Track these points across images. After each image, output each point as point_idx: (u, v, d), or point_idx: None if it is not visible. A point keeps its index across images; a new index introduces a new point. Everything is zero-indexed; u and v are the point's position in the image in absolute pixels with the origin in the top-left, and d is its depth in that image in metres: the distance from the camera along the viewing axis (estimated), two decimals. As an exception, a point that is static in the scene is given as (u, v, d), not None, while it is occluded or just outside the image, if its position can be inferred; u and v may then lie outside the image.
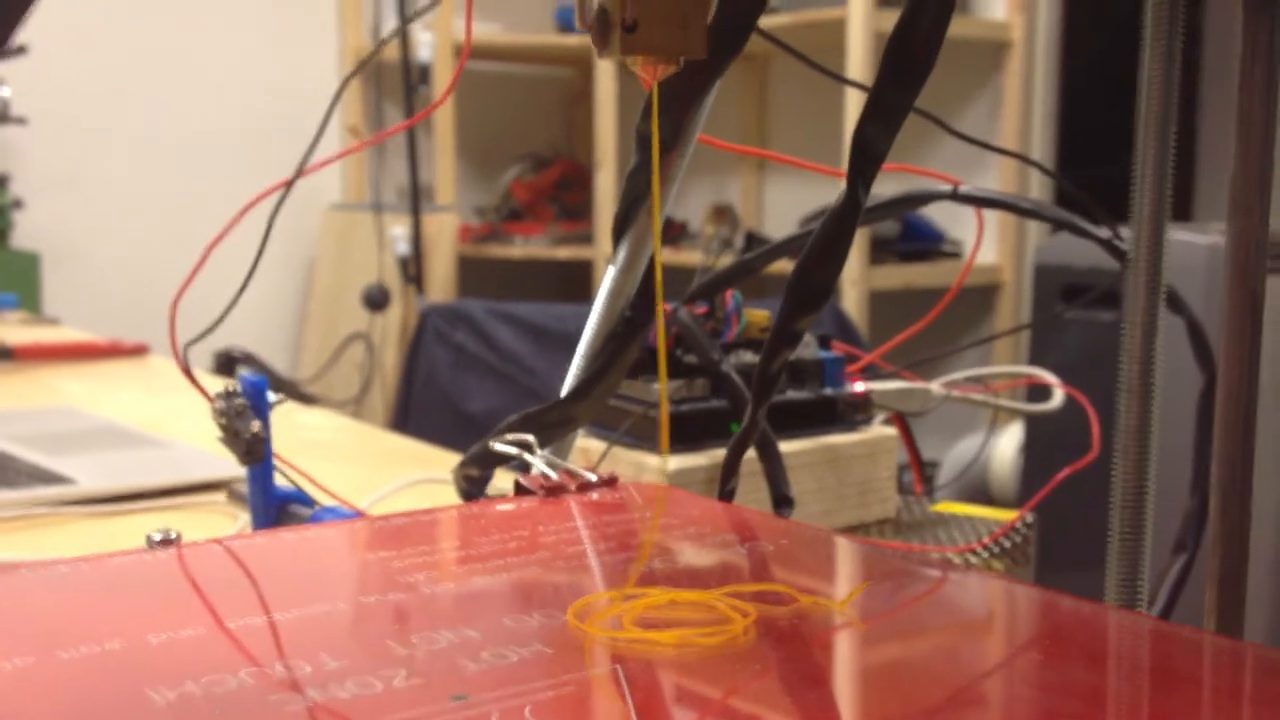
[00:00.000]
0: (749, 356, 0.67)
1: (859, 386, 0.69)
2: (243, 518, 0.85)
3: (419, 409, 1.70)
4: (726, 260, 2.31)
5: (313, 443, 1.16)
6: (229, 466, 0.97)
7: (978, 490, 2.22)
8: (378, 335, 3.28)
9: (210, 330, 0.57)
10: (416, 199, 2.79)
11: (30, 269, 2.83)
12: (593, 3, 0.25)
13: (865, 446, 0.69)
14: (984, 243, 1.92)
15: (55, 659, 0.24)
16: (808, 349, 0.70)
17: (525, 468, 0.42)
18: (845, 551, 0.33)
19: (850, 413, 0.69)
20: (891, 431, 0.70)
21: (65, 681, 0.24)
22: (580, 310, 2.07)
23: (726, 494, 0.45)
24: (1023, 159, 0.62)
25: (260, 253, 0.52)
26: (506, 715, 0.22)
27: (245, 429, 0.47)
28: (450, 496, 1.00)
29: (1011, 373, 0.84)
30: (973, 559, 0.65)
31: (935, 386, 0.73)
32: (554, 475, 0.37)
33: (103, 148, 3.00)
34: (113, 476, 0.95)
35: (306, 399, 2.41)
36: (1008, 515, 0.72)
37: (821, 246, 0.37)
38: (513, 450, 0.39)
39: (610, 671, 0.24)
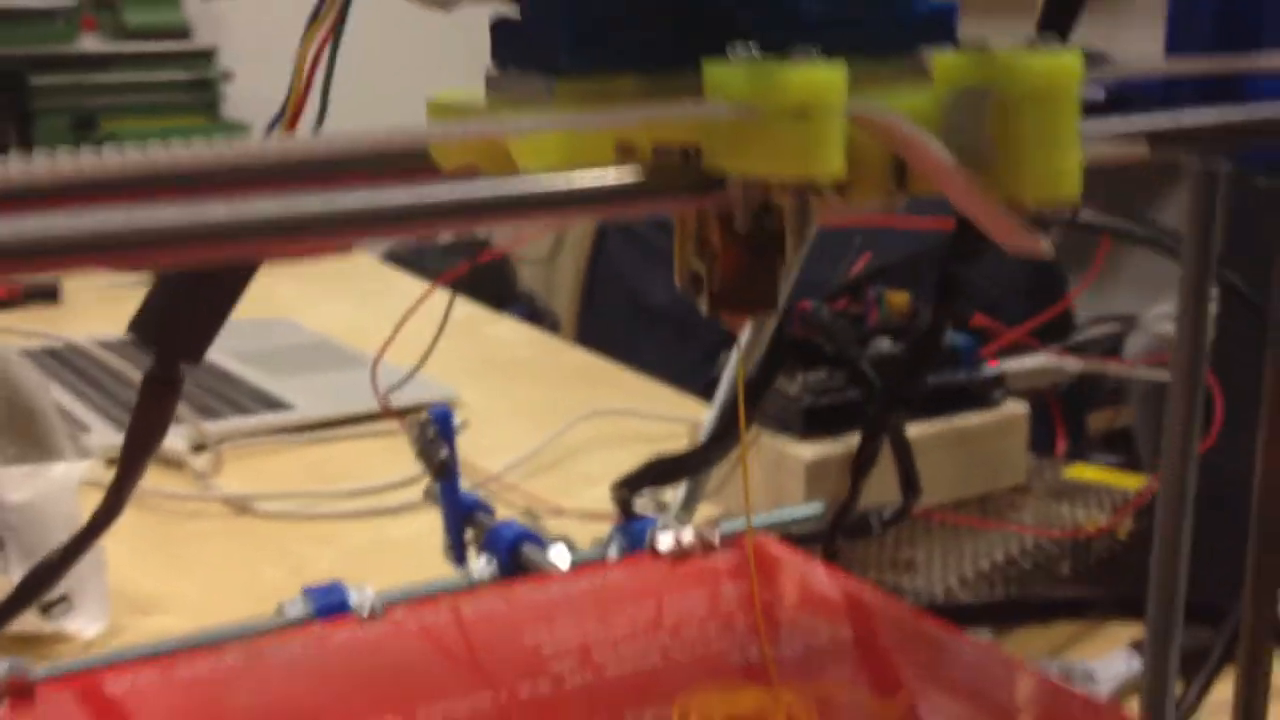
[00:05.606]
0: (887, 344, 0.72)
1: (992, 371, 0.74)
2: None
3: (601, 299, 1.79)
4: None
5: (498, 363, 1.26)
6: (431, 389, 1.08)
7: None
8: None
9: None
10: None
11: (244, 142, 2.98)
12: (688, 266, 0.31)
13: (997, 425, 0.74)
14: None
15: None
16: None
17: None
18: (923, 640, 0.40)
19: (984, 392, 0.74)
20: (1023, 410, 0.75)
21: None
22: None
23: (852, 503, 0.53)
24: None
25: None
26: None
27: (436, 454, 0.56)
28: (617, 426, 1.08)
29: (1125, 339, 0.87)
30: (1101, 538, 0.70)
31: (1070, 363, 0.78)
32: (683, 540, 0.45)
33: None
34: (326, 402, 1.07)
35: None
36: (1136, 482, 0.77)
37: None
38: (651, 511, 0.48)
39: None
